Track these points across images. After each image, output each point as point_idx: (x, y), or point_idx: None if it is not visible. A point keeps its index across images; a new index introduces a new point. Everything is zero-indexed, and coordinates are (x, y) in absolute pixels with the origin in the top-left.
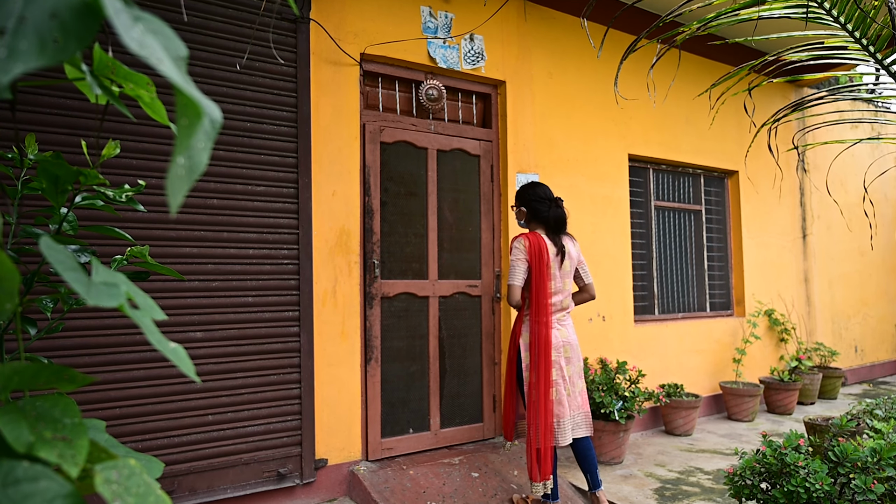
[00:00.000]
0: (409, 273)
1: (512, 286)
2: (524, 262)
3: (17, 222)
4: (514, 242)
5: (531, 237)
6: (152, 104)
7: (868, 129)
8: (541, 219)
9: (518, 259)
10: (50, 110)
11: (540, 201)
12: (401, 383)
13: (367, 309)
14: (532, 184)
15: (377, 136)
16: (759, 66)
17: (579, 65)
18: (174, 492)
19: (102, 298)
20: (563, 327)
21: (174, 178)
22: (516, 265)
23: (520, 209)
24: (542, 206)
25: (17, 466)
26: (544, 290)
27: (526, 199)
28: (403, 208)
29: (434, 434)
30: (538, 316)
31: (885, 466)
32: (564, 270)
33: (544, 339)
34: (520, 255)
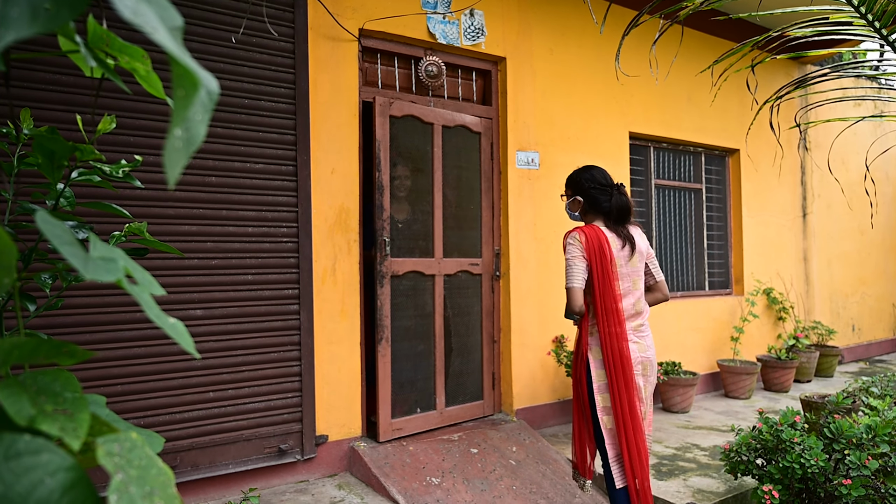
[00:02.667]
0: (416, 251)
1: (571, 289)
2: (582, 260)
3: (13, 199)
4: (568, 238)
5: (587, 230)
6: (148, 77)
7: (871, 107)
8: (600, 210)
9: (574, 257)
10: (45, 86)
11: (600, 189)
12: (409, 363)
13: (378, 288)
14: (587, 168)
15: (387, 109)
16: (762, 43)
17: (580, 41)
18: (177, 467)
19: (100, 273)
20: (640, 339)
21: (171, 150)
22: (573, 264)
23: (574, 199)
24: (602, 195)
25: (19, 440)
26: (611, 292)
27: (581, 186)
28: (411, 185)
29: (440, 413)
30: (608, 325)
31: (880, 443)
32: (634, 267)
33: (619, 353)
34: (576, 253)
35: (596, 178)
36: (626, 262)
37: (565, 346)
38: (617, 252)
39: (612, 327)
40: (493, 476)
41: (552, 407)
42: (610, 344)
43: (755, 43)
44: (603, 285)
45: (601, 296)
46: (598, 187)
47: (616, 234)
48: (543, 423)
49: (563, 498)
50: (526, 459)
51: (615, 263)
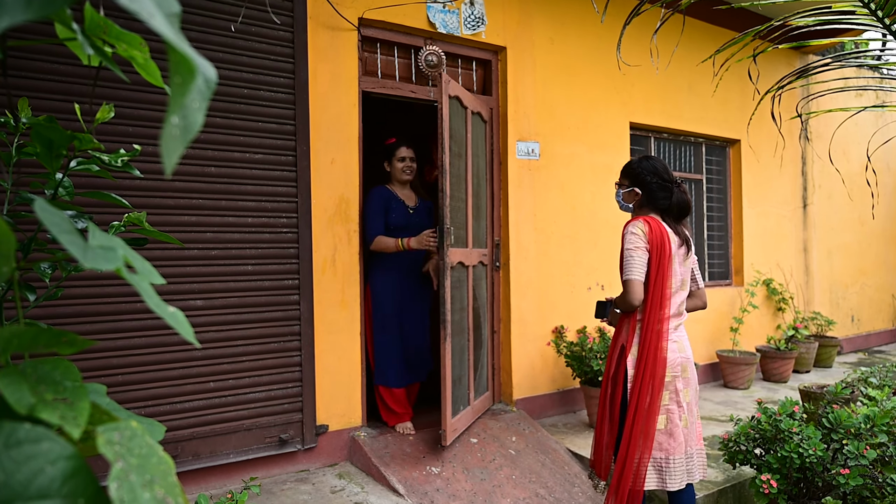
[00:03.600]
0: (459, 241)
1: (632, 282)
2: (644, 252)
3: (12, 189)
4: (630, 227)
5: (651, 222)
6: (146, 66)
7: (873, 97)
8: (657, 205)
9: (637, 247)
10: (43, 76)
11: (661, 184)
12: (456, 359)
13: (443, 280)
14: (648, 158)
15: (447, 87)
16: (764, 32)
17: (581, 31)
18: (178, 456)
19: (99, 261)
20: (679, 339)
21: (168, 138)
22: (634, 255)
23: (631, 190)
24: (662, 191)
25: (19, 428)
26: (663, 289)
27: (641, 178)
28: (453, 170)
29: (472, 408)
30: (650, 322)
31: (878, 433)
32: (685, 268)
33: (655, 350)
34: (639, 243)
35: (658, 171)
36: (680, 262)
37: (565, 337)
38: (675, 249)
39: (654, 324)
40: (492, 465)
41: (552, 397)
42: (649, 341)
43: (757, 32)
44: (656, 281)
45: (653, 291)
46: (660, 182)
47: (674, 230)
48: (543, 413)
49: (563, 487)
50: (525, 449)
51: (671, 260)
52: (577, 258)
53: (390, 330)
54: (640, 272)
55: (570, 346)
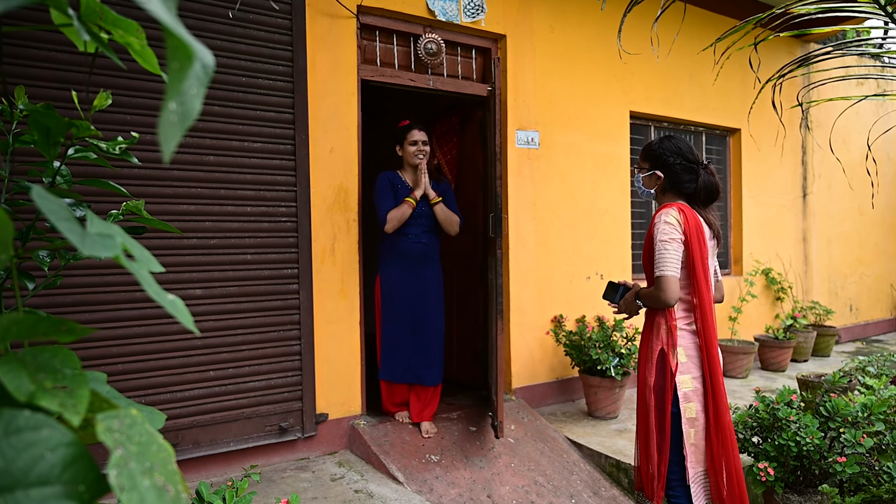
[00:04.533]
0: None
1: (668, 279)
2: (680, 245)
3: (9, 177)
4: (663, 216)
5: (686, 210)
6: (143, 52)
7: (874, 86)
8: (682, 190)
9: (672, 239)
10: (39, 63)
11: (685, 165)
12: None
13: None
14: (670, 138)
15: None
16: (765, 20)
17: (581, 18)
18: (178, 445)
19: (97, 249)
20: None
21: (166, 124)
22: (669, 248)
23: (652, 173)
24: (688, 173)
25: (19, 415)
26: (707, 282)
27: (663, 159)
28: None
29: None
30: (704, 320)
31: (875, 421)
32: (714, 259)
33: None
34: (674, 234)
35: (682, 151)
36: (711, 254)
37: (564, 326)
38: (708, 241)
39: (707, 322)
40: (491, 454)
41: (550, 386)
42: (707, 342)
43: (758, 20)
44: (699, 273)
45: (697, 285)
46: (684, 163)
47: (706, 220)
48: (542, 401)
49: (561, 475)
50: (524, 437)
51: (708, 251)
52: (576, 247)
53: (397, 323)
54: (676, 267)
55: (569, 336)
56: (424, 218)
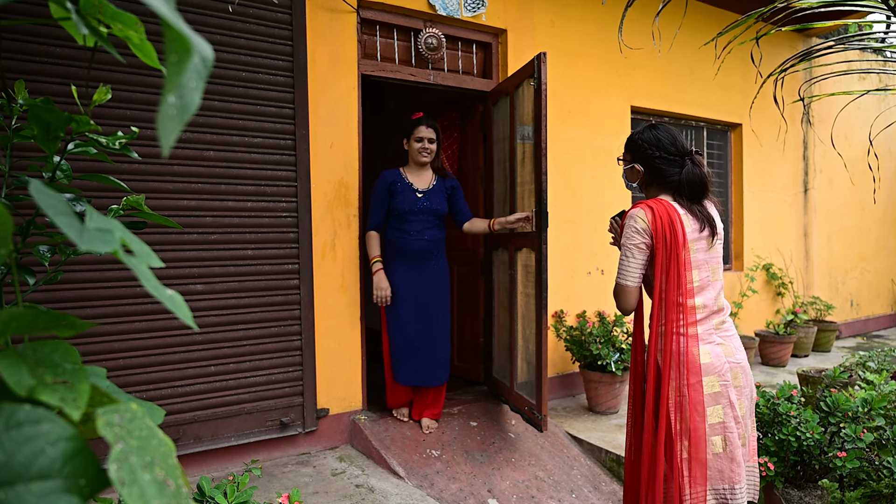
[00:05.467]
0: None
1: (623, 287)
2: (642, 251)
3: (9, 172)
4: (629, 218)
5: (655, 206)
6: (142, 46)
7: (876, 81)
8: (666, 183)
9: (634, 245)
10: (39, 58)
11: (666, 156)
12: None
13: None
14: (651, 128)
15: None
16: (767, 14)
17: (582, 13)
18: (179, 439)
19: (96, 244)
20: (725, 340)
21: (165, 117)
22: (630, 255)
23: (631, 166)
24: (670, 165)
25: (19, 410)
26: (678, 283)
27: (642, 151)
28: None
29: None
30: (668, 324)
31: (875, 416)
32: (714, 253)
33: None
34: (636, 240)
35: (662, 142)
36: (705, 249)
37: (564, 321)
38: (693, 236)
39: (673, 325)
40: (492, 448)
41: (551, 381)
42: (668, 348)
43: (760, 15)
44: (668, 275)
45: (664, 287)
46: (665, 156)
47: (690, 212)
48: None
49: (561, 470)
50: (525, 432)
51: (688, 249)
52: (576, 243)
53: (402, 323)
54: (635, 277)
55: (570, 331)
56: (427, 214)
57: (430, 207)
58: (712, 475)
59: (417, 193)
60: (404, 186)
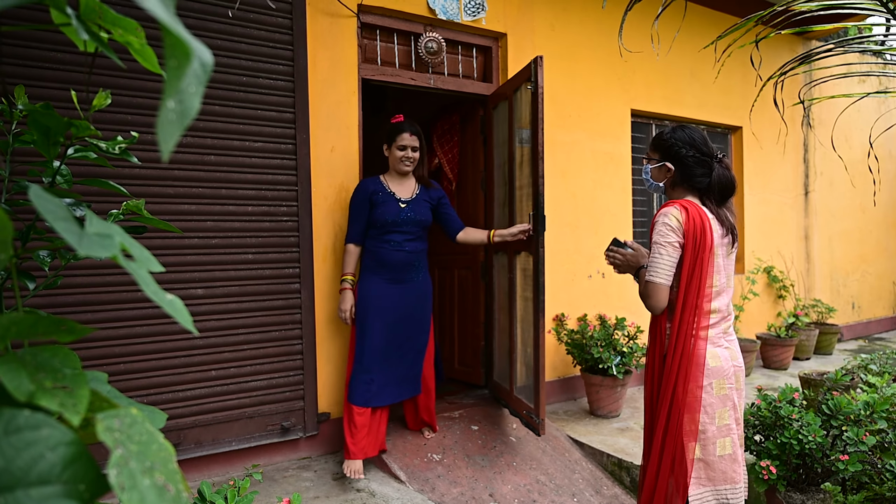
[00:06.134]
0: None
1: (654, 285)
2: (676, 249)
3: (9, 177)
4: (662, 215)
5: (690, 207)
6: (142, 51)
7: (876, 84)
8: (695, 184)
9: (668, 243)
10: (39, 63)
11: (699, 158)
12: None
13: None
14: (683, 128)
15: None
16: (766, 17)
17: (582, 16)
18: (180, 444)
19: (95, 249)
20: (730, 344)
21: (164, 122)
22: (663, 252)
23: (662, 165)
24: (700, 167)
25: (19, 415)
26: (699, 286)
27: (674, 151)
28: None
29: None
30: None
31: (878, 419)
32: (731, 259)
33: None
34: (670, 237)
35: (696, 142)
36: (726, 255)
37: (565, 325)
38: (718, 240)
39: (687, 327)
40: (493, 452)
41: (552, 385)
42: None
43: (759, 17)
44: (692, 277)
45: (685, 289)
46: (698, 156)
47: (717, 217)
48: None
49: (563, 473)
50: (526, 436)
51: (713, 254)
52: (577, 246)
53: (371, 338)
54: (666, 275)
55: (571, 334)
56: (410, 225)
57: (414, 218)
58: (716, 476)
59: (400, 203)
60: (386, 196)
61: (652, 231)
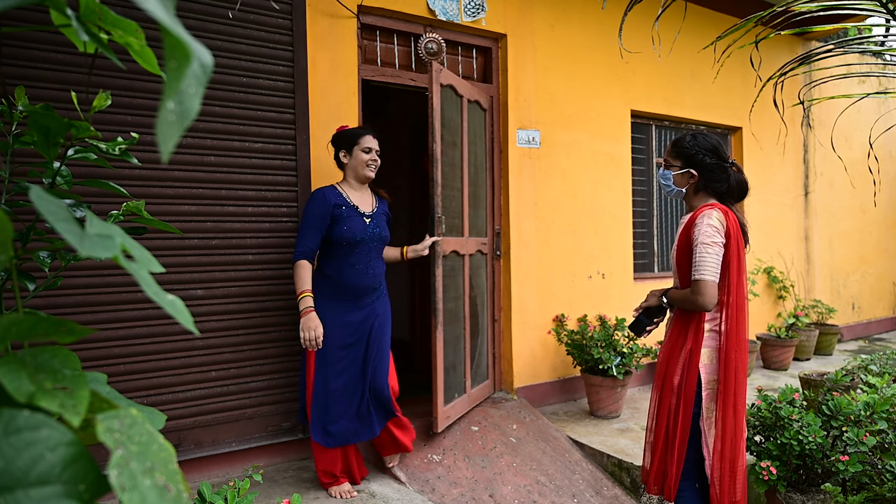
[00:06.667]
0: (453, 230)
1: (707, 283)
2: (722, 248)
3: (9, 178)
4: (706, 217)
5: (727, 211)
6: (142, 52)
7: (875, 84)
8: (715, 189)
9: (715, 242)
10: (39, 64)
11: (720, 163)
12: (450, 347)
13: (434, 269)
14: (701, 135)
15: (439, 76)
16: (766, 18)
17: (582, 17)
18: (180, 445)
19: (96, 249)
20: None
21: (164, 123)
22: (712, 251)
23: (686, 171)
24: (721, 172)
25: (19, 415)
26: (744, 283)
27: (699, 157)
28: (447, 159)
29: (468, 396)
30: (738, 327)
31: (878, 420)
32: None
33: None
34: (717, 237)
35: (717, 149)
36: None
37: (566, 325)
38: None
39: (741, 328)
40: (493, 453)
41: (552, 385)
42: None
43: (759, 18)
44: (739, 276)
45: (736, 288)
46: (719, 162)
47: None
48: (544, 401)
49: (563, 474)
50: (526, 437)
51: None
52: (577, 246)
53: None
54: (716, 272)
55: (571, 335)
56: (376, 242)
57: (380, 234)
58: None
59: (365, 218)
60: (350, 210)
61: (690, 231)
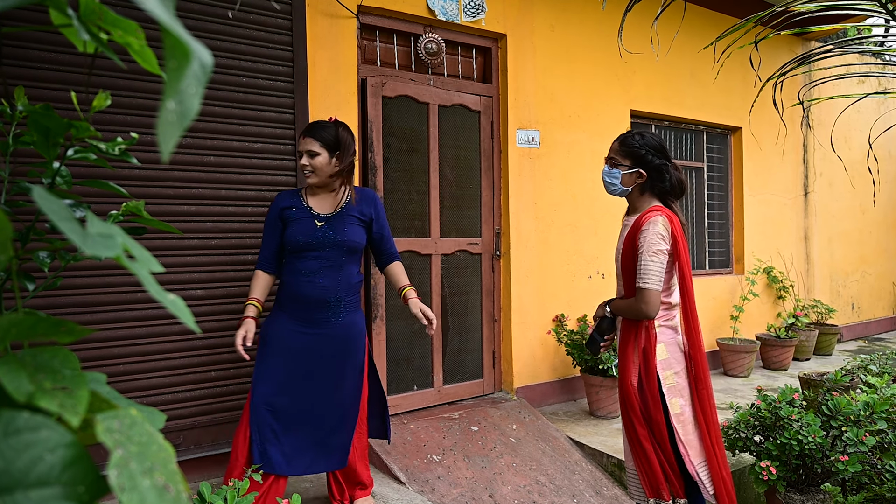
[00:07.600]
0: (411, 231)
1: (650, 292)
2: (666, 255)
3: (9, 178)
4: (651, 224)
5: (669, 214)
6: (142, 52)
7: (875, 84)
8: (660, 189)
9: (661, 250)
10: (39, 64)
11: (665, 163)
12: (404, 341)
13: (371, 267)
14: (647, 134)
15: (379, 90)
16: (766, 18)
17: (582, 17)
18: (180, 445)
19: (98, 248)
20: None
21: (164, 123)
22: (654, 259)
23: (635, 171)
24: (666, 172)
25: (18, 416)
26: (690, 286)
27: (645, 157)
28: (405, 165)
29: (437, 391)
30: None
31: (877, 420)
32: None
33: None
34: (662, 245)
35: (663, 148)
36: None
37: (565, 325)
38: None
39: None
40: (493, 453)
41: (552, 385)
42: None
43: (759, 18)
44: (686, 275)
45: (686, 288)
46: (664, 162)
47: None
48: (543, 401)
49: (563, 474)
50: (526, 437)
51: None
52: (577, 247)
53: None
54: (660, 280)
55: (571, 335)
56: (329, 248)
57: (334, 239)
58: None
59: (316, 221)
60: (301, 212)
61: (636, 237)
